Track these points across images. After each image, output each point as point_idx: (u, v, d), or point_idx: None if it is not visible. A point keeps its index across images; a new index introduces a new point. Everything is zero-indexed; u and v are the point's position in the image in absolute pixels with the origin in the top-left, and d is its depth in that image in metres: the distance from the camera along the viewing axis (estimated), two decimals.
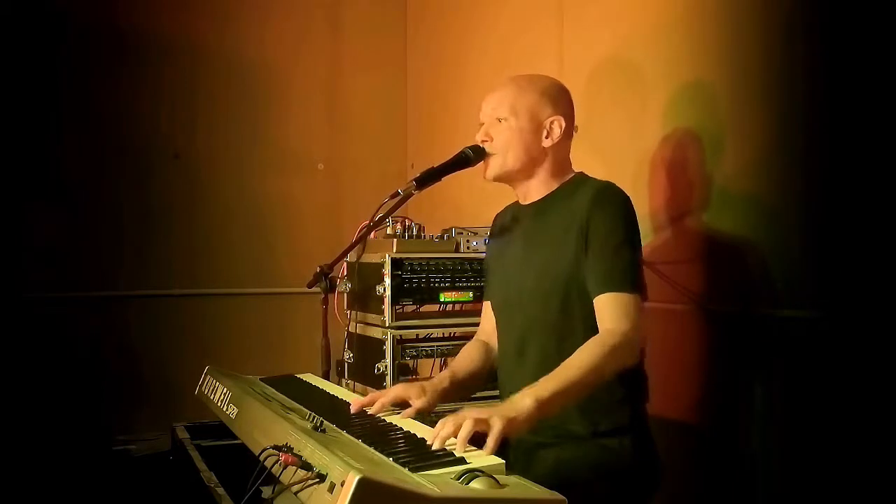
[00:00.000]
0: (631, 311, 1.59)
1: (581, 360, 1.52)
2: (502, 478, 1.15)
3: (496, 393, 1.90)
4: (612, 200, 1.67)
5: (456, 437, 1.30)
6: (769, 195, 1.99)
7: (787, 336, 1.92)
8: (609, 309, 1.60)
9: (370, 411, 1.62)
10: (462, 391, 1.84)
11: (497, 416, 1.34)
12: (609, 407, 1.66)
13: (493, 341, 1.91)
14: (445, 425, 1.33)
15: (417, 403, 1.64)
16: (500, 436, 1.31)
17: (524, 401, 1.41)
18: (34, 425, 3.12)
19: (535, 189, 1.80)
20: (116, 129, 3.41)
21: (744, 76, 2.06)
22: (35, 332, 3.19)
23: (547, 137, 1.75)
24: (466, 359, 1.90)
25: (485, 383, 1.94)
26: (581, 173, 1.82)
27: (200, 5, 3.59)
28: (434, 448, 1.29)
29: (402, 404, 1.65)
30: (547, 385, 1.47)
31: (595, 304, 1.63)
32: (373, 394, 1.69)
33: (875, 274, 1.72)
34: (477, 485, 1.11)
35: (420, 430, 1.44)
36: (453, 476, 1.13)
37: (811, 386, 1.86)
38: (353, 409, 1.63)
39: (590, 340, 1.57)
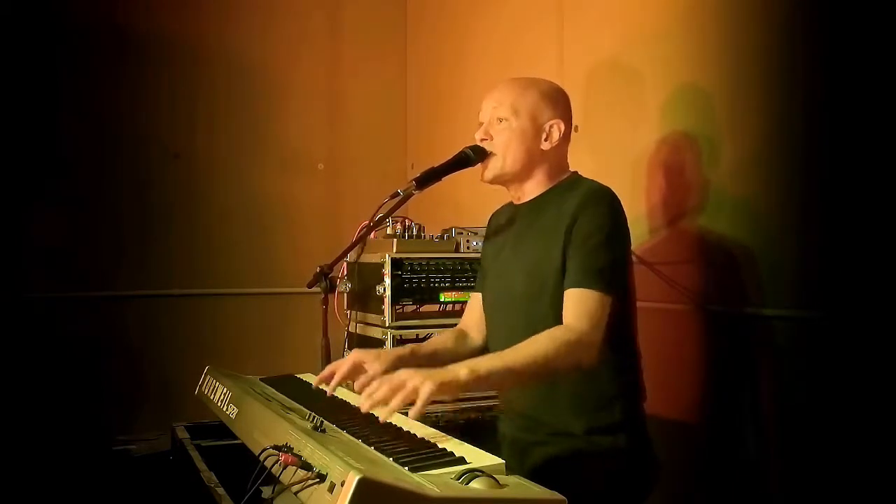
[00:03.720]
0: (594, 311, 1.58)
1: (529, 348, 1.53)
2: (502, 478, 1.15)
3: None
4: (601, 202, 1.67)
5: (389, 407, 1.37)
6: (768, 195, 1.99)
7: (787, 336, 1.92)
8: (573, 305, 1.60)
9: (329, 387, 1.64)
10: (422, 366, 1.83)
11: (429, 380, 1.38)
12: (601, 405, 1.67)
13: (473, 333, 1.93)
14: (380, 387, 1.38)
15: (372, 368, 1.65)
16: (427, 400, 1.35)
17: (460, 370, 1.45)
18: (34, 425, 3.12)
19: (531, 190, 1.80)
20: (116, 129, 3.41)
21: (741, 79, 2.06)
22: (35, 332, 3.19)
23: (546, 140, 1.76)
24: (435, 340, 1.93)
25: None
26: (575, 173, 1.82)
27: (201, 5, 3.60)
28: (363, 410, 1.37)
29: (360, 370, 1.66)
30: (487, 362, 1.49)
31: (564, 298, 1.63)
32: (330, 366, 1.69)
33: (874, 273, 1.72)
34: (477, 485, 1.11)
35: (420, 429, 1.44)
36: (453, 476, 1.13)
37: (811, 386, 1.86)
38: (314, 385, 1.66)
39: (544, 332, 1.56)
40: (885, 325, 1.69)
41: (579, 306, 1.59)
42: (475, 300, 1.95)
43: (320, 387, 1.71)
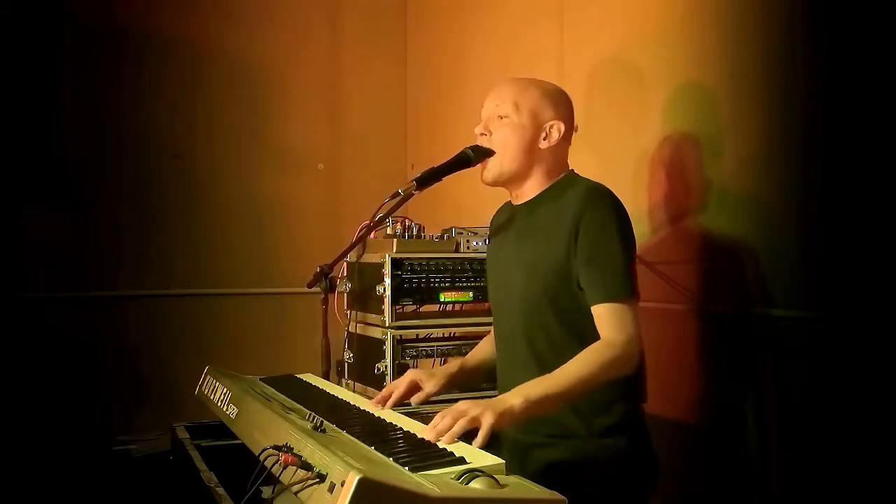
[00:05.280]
0: (629, 320, 1.61)
1: (576, 368, 1.54)
2: (502, 478, 1.14)
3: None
4: (603, 203, 1.67)
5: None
6: (768, 195, 1.99)
7: (786, 336, 1.92)
8: (607, 319, 1.61)
9: (387, 405, 1.69)
10: (471, 380, 1.95)
11: (489, 410, 1.39)
12: (603, 406, 1.67)
13: None
14: (443, 419, 1.38)
15: (427, 387, 1.76)
16: (490, 431, 1.36)
17: (514, 399, 1.46)
18: (34, 425, 3.12)
19: (530, 190, 1.81)
20: (116, 129, 3.41)
21: (742, 77, 2.06)
22: (35, 332, 3.19)
23: (545, 139, 1.76)
24: (480, 350, 1.99)
25: (491, 377, 1.96)
26: (572, 172, 1.82)
27: (201, 5, 3.60)
28: (428, 440, 1.34)
29: (416, 389, 1.76)
30: (538, 387, 1.50)
31: (594, 313, 1.64)
32: (388, 386, 1.77)
33: (873, 274, 1.72)
34: (477, 485, 1.10)
35: (419, 429, 1.44)
36: (453, 476, 1.13)
37: (809, 386, 1.86)
38: (372, 404, 1.70)
39: (589, 348, 1.58)
40: (883, 324, 1.69)
41: (613, 320, 1.61)
42: None
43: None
